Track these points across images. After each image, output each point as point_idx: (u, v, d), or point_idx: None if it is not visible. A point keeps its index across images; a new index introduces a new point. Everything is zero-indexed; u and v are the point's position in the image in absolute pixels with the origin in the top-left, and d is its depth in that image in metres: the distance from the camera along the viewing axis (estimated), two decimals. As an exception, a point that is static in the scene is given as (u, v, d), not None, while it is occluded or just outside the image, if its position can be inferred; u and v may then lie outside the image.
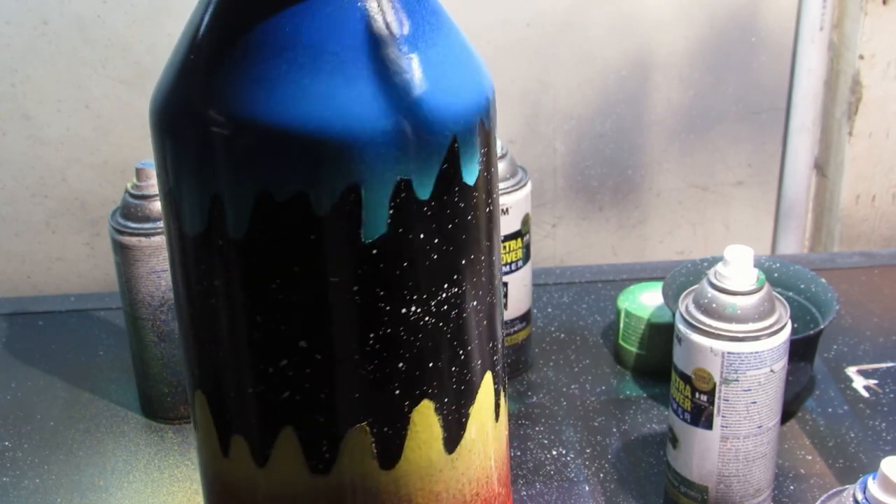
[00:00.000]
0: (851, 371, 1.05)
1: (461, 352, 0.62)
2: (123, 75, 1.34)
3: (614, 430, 0.98)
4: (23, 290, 1.46)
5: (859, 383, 1.03)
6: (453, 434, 0.63)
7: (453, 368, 0.62)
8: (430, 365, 0.61)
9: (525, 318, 1.03)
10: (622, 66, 1.41)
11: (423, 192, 0.56)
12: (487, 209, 0.61)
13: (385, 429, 0.61)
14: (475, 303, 0.62)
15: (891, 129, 1.44)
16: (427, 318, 0.59)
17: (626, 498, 0.90)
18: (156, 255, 0.93)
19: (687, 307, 0.81)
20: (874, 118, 1.43)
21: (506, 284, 1.00)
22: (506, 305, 1.01)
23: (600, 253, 1.52)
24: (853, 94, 1.41)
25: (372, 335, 0.58)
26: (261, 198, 0.55)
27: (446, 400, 0.62)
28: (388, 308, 0.58)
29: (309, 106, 0.54)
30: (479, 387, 0.64)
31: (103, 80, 1.34)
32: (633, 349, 1.05)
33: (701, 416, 0.81)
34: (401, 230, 0.57)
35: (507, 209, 0.97)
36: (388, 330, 0.58)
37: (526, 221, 0.99)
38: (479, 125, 0.59)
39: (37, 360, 1.10)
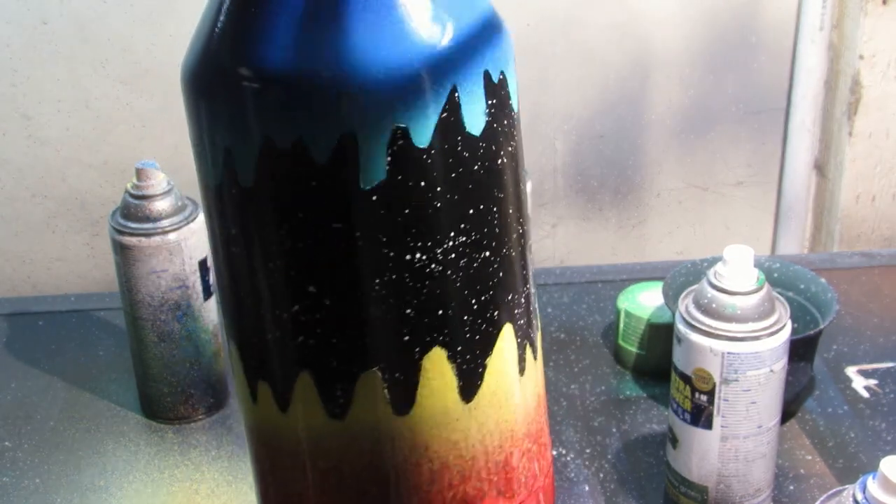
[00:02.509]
0: (851, 371, 1.05)
1: (473, 301, 0.62)
2: (123, 75, 1.34)
3: (614, 430, 0.98)
4: (23, 290, 1.46)
5: (859, 383, 1.03)
6: (469, 383, 0.63)
7: (465, 317, 0.62)
8: (440, 313, 0.61)
9: (525, 318, 1.03)
10: (622, 66, 1.41)
11: (421, 140, 0.56)
12: (500, 161, 0.61)
13: (396, 374, 0.61)
14: (487, 253, 0.61)
15: (891, 129, 1.44)
16: (434, 266, 0.59)
17: (626, 498, 0.90)
18: (156, 255, 0.93)
19: (687, 307, 0.81)
20: (874, 118, 1.43)
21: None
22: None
23: (600, 253, 1.52)
24: (853, 94, 1.41)
25: (377, 280, 0.59)
26: (264, 147, 0.56)
27: (459, 349, 0.62)
28: (391, 254, 0.58)
29: (301, 55, 0.55)
30: (496, 338, 0.64)
31: (103, 79, 1.34)
32: (633, 349, 1.05)
33: (701, 416, 0.81)
34: (400, 177, 0.57)
35: (506, 209, 0.97)
36: (393, 276, 0.59)
37: (526, 221, 0.99)
38: (485, 76, 0.59)
39: (37, 360, 1.10)
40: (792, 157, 1.49)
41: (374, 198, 0.57)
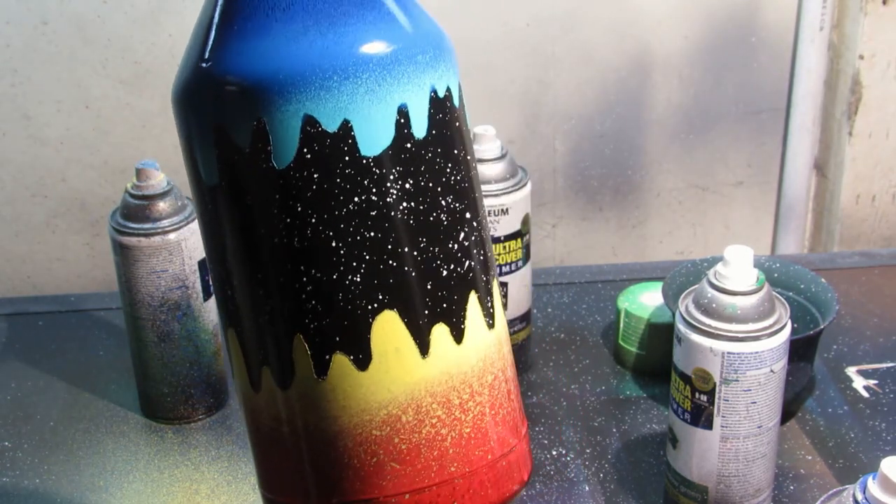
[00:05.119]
0: (851, 371, 1.05)
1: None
2: (123, 75, 1.34)
3: (614, 430, 0.98)
4: (23, 290, 1.46)
5: (859, 383, 1.03)
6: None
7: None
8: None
9: (525, 318, 1.03)
10: (622, 66, 1.41)
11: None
12: None
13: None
14: None
15: (891, 129, 1.44)
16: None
17: (626, 498, 0.90)
18: (156, 255, 0.93)
19: (687, 307, 0.81)
20: (874, 118, 1.43)
21: (505, 284, 1.00)
22: (506, 305, 1.01)
23: (600, 253, 1.52)
24: (853, 94, 1.41)
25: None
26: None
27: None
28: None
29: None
30: None
31: (103, 80, 1.34)
32: (633, 349, 1.05)
33: (701, 416, 0.81)
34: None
35: (506, 209, 0.97)
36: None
37: (526, 221, 0.99)
38: None
39: (37, 360, 1.10)
40: (792, 157, 1.49)
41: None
